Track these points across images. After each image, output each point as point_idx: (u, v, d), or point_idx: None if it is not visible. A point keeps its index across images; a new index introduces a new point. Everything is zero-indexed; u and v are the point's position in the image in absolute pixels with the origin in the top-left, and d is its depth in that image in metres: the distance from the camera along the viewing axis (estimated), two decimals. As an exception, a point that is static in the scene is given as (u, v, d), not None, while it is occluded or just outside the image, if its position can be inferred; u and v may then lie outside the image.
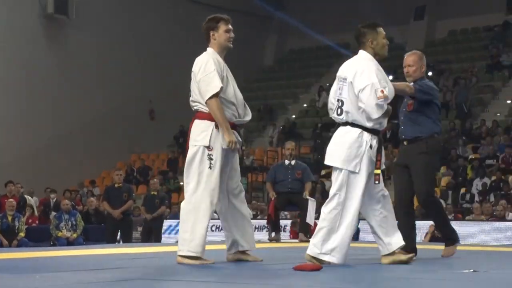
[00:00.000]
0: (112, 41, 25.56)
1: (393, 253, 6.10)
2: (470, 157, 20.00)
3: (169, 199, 21.81)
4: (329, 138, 6.12)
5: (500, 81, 24.59)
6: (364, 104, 5.85)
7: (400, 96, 7.04)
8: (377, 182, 5.99)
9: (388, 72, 6.79)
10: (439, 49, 26.68)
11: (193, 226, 5.94)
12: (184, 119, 25.87)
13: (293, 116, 27.66)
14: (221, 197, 6.14)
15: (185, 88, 6.29)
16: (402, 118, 7.22)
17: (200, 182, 5.96)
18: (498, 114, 22.95)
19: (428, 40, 27.01)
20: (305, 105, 28.61)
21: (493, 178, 18.46)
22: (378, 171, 5.98)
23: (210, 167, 5.94)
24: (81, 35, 24.98)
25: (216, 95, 5.90)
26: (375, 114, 5.87)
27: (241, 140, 6.32)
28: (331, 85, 6.28)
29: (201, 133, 6.01)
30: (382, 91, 5.84)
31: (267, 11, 25.88)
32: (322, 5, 28.09)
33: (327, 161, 6.14)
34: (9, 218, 14.51)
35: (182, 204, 6.08)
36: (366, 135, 5.94)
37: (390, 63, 25.15)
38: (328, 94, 6.68)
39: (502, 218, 15.32)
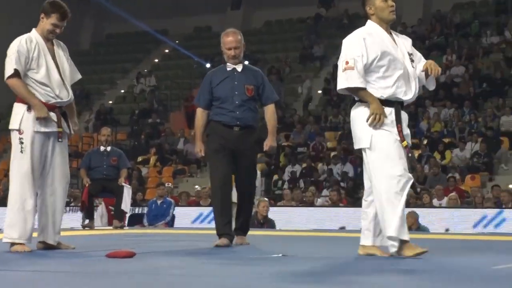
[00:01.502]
0: None
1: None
2: (283, 144, 20.56)
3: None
4: (147, 124, 5.98)
5: (312, 71, 25.47)
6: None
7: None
8: (409, 154, 5.43)
9: (205, 61, 6.76)
10: (255, 39, 27.12)
11: (9, 211, 5.97)
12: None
13: (110, 102, 27.24)
14: (40, 182, 6.08)
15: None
16: (237, 102, 6.69)
17: (13, 166, 5.98)
18: (309, 104, 23.75)
19: (244, 29, 27.48)
20: (122, 91, 28.27)
21: (304, 165, 19.09)
22: (405, 143, 5.36)
23: (21, 151, 5.88)
24: None
25: (13, 76, 5.88)
26: (339, 85, 5.44)
27: (67, 124, 6.22)
28: (149, 71, 6.23)
29: (14, 116, 5.98)
30: (347, 62, 5.35)
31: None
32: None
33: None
34: None
35: None
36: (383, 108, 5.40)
37: (208, 51, 25.52)
38: (146, 80, 6.51)
39: (311, 204, 15.89)
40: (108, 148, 11.66)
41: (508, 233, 11.74)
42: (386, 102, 5.38)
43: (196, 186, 17.03)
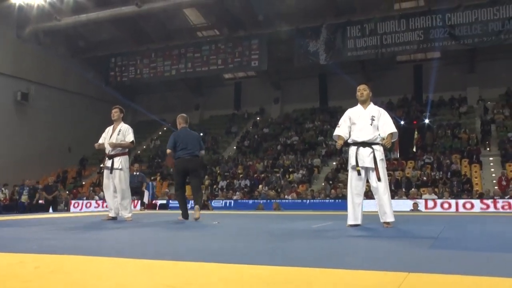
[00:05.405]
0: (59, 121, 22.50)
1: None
2: (218, 171, 20.19)
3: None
4: (156, 162, 5.47)
5: (232, 138, 24.89)
6: None
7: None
8: (359, 175, 4.64)
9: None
10: (206, 125, 26.79)
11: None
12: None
13: (139, 152, 26.17)
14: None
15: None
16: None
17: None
18: (229, 153, 23.48)
19: (200, 120, 27.23)
20: (144, 146, 27.10)
21: (227, 180, 18.76)
22: (358, 168, 4.62)
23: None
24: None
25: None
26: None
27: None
28: (156, 138, 5.78)
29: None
30: (338, 123, 4.85)
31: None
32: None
33: None
34: None
35: None
36: (351, 147, 4.75)
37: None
38: (155, 142, 5.98)
39: (230, 198, 15.47)
40: (137, 173, 11.25)
41: (321, 211, 11.36)
42: (352, 143, 4.73)
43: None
